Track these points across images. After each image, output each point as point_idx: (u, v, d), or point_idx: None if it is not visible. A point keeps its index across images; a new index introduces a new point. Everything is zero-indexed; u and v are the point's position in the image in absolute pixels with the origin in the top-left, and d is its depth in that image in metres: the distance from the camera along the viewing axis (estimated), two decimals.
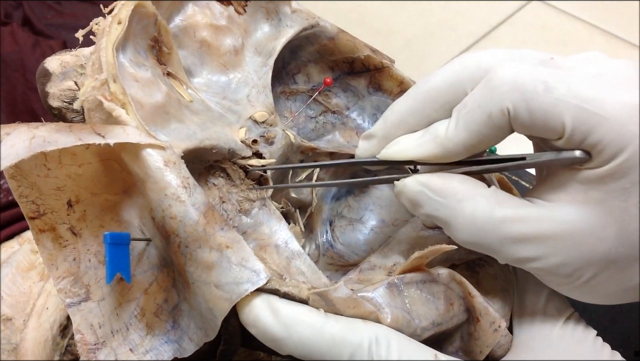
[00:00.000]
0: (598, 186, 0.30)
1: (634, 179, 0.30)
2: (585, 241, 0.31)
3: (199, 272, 0.30)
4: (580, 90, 0.30)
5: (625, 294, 0.33)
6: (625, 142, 0.29)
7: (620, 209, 0.30)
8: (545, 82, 0.30)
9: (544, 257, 0.32)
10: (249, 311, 0.31)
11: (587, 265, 0.31)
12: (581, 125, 0.29)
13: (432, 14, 1.05)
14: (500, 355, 0.36)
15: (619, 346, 0.36)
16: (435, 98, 0.34)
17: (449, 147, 0.33)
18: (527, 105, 0.30)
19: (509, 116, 0.31)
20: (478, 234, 0.32)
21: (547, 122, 0.30)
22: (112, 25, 0.33)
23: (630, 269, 0.31)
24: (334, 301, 0.31)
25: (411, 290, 0.34)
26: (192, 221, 0.30)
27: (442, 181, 0.33)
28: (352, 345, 0.31)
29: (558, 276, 0.33)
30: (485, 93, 0.31)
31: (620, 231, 0.30)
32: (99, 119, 0.33)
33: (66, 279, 0.33)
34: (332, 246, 0.44)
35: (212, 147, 0.36)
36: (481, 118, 0.31)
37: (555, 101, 0.30)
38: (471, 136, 0.32)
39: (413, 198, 0.34)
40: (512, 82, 0.31)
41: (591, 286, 0.33)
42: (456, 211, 0.32)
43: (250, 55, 0.41)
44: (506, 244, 0.32)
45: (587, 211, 0.31)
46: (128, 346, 0.33)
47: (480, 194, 0.32)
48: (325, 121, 0.46)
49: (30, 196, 0.33)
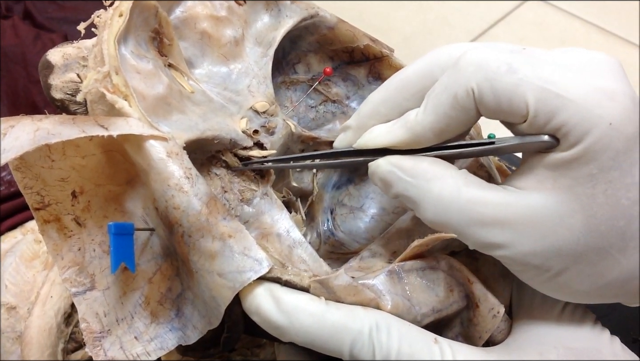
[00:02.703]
0: (565, 172, 0.30)
1: (601, 165, 0.29)
2: (553, 229, 0.30)
3: (202, 261, 0.31)
4: (544, 72, 0.30)
5: (600, 292, 0.32)
6: (591, 125, 0.29)
7: (587, 197, 0.30)
8: (509, 63, 0.30)
9: (510, 244, 0.31)
10: (251, 299, 0.31)
11: (556, 256, 0.31)
12: (544, 106, 0.29)
13: (430, 11, 1.05)
14: (500, 340, 0.36)
15: (617, 333, 0.36)
16: (406, 87, 0.34)
17: (418, 132, 0.33)
18: (491, 85, 0.30)
19: (474, 97, 0.31)
20: (444, 214, 0.32)
21: (511, 103, 0.30)
22: (114, 17, 0.34)
23: (601, 263, 0.31)
24: (335, 288, 0.32)
25: (411, 277, 0.35)
26: (195, 211, 0.31)
27: (412, 161, 0.33)
28: (353, 332, 0.31)
29: (527, 267, 0.32)
30: (452, 75, 0.31)
31: (587, 220, 0.30)
32: (101, 111, 0.33)
33: (71, 269, 0.34)
34: (333, 234, 0.45)
35: (213, 137, 0.36)
36: (447, 100, 0.31)
37: (519, 81, 0.29)
38: (439, 118, 0.32)
39: (384, 178, 0.34)
40: (476, 63, 0.30)
41: (563, 281, 0.32)
42: (424, 190, 0.32)
43: (250, 46, 0.41)
44: (472, 226, 0.32)
45: (554, 198, 0.30)
46: (133, 334, 0.33)
47: (449, 175, 0.32)
48: (325, 111, 0.47)
49: (35, 187, 0.33)
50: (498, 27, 1.03)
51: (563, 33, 1.00)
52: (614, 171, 0.29)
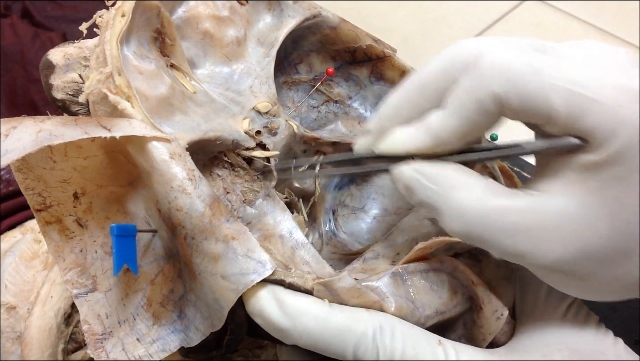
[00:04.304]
0: (593, 175, 0.29)
1: (630, 167, 0.28)
2: (581, 234, 0.30)
3: (205, 263, 0.31)
4: (571, 73, 0.29)
5: (625, 290, 0.32)
6: (620, 127, 0.28)
7: (616, 199, 0.29)
8: (534, 65, 0.29)
9: (538, 252, 0.30)
10: (254, 301, 0.31)
11: (584, 260, 0.30)
12: (572, 109, 0.28)
13: (428, 11, 1.05)
14: (504, 342, 0.36)
15: (619, 335, 0.36)
16: (426, 88, 0.34)
17: (442, 137, 0.32)
18: (516, 89, 0.29)
19: (498, 101, 0.30)
20: (468, 224, 0.31)
21: (537, 106, 0.29)
22: (116, 18, 0.33)
23: (628, 264, 0.30)
24: (338, 291, 0.32)
25: (415, 279, 0.35)
26: (198, 213, 0.30)
27: (435, 168, 0.32)
28: (357, 334, 0.31)
29: (556, 273, 0.32)
30: (474, 79, 0.31)
31: (615, 222, 0.29)
32: (104, 112, 0.33)
33: (73, 271, 0.33)
34: (335, 235, 0.45)
35: (216, 138, 0.36)
36: (471, 105, 0.31)
37: (545, 84, 0.29)
38: (462, 123, 0.31)
39: (408, 185, 0.33)
40: (500, 67, 0.30)
41: (590, 283, 0.31)
42: (447, 198, 0.32)
43: (252, 46, 0.41)
44: (497, 236, 0.31)
45: (582, 201, 0.30)
46: (135, 336, 0.33)
47: (473, 183, 0.32)
48: (327, 111, 0.47)
49: (37, 188, 0.33)
50: (496, 27, 1.03)
51: (561, 33, 1.00)
52: None
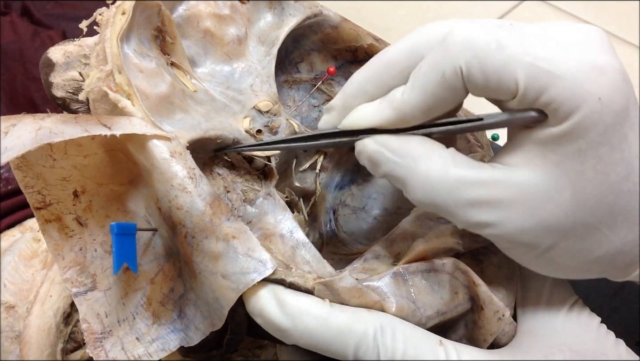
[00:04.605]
0: (554, 148, 0.30)
1: (590, 140, 0.29)
2: (542, 206, 0.30)
3: (206, 262, 0.31)
4: (534, 48, 0.29)
5: (588, 267, 0.32)
6: (580, 101, 0.28)
7: (576, 172, 0.29)
8: (498, 40, 0.29)
9: (499, 222, 0.31)
10: (255, 301, 0.31)
11: (545, 233, 0.31)
12: (534, 83, 0.29)
13: (428, 10, 1.05)
14: (505, 342, 0.36)
15: (620, 336, 0.36)
16: (392, 65, 0.34)
17: (405, 111, 0.32)
18: (480, 63, 0.29)
19: (462, 75, 0.30)
20: (432, 194, 0.31)
21: (500, 80, 0.29)
22: (116, 16, 0.33)
23: (590, 239, 0.31)
24: (339, 290, 0.32)
25: (416, 279, 0.34)
26: (199, 211, 0.30)
27: (399, 140, 0.33)
28: (358, 335, 0.31)
29: (516, 245, 0.32)
30: (439, 53, 0.31)
31: (576, 195, 0.30)
32: (104, 110, 0.33)
33: (72, 269, 0.33)
34: (335, 235, 0.44)
35: (216, 137, 0.36)
36: (435, 78, 0.31)
37: (508, 58, 0.29)
38: (426, 97, 0.31)
39: (372, 157, 0.33)
40: (465, 41, 0.30)
41: (551, 258, 0.32)
42: (412, 170, 0.32)
43: (253, 45, 0.41)
44: (460, 206, 0.31)
45: (543, 174, 0.30)
46: (134, 335, 0.33)
47: (437, 154, 0.32)
48: None
49: (36, 186, 0.33)
50: None
51: None
52: (603, 146, 0.29)
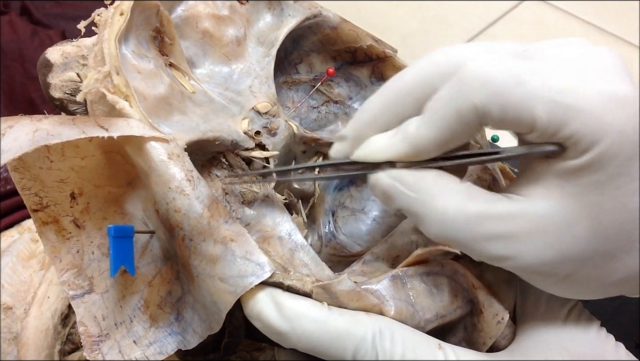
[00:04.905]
0: (573, 180, 0.29)
1: (609, 173, 0.29)
2: (560, 237, 0.30)
3: (204, 265, 0.30)
4: (553, 82, 0.29)
5: (606, 289, 0.32)
6: (601, 134, 0.28)
7: (594, 204, 0.29)
8: (516, 75, 0.29)
9: (517, 255, 0.30)
10: (253, 304, 0.31)
11: (563, 263, 0.30)
12: (555, 118, 0.28)
13: (428, 9, 1.05)
14: (504, 345, 0.36)
15: (620, 338, 0.36)
16: (405, 95, 0.33)
17: (420, 146, 0.32)
18: (498, 100, 0.29)
19: (480, 112, 0.30)
20: (449, 230, 0.31)
21: (519, 116, 0.29)
22: (115, 16, 0.33)
23: (607, 265, 0.31)
24: (338, 294, 0.31)
25: (415, 282, 0.34)
26: (197, 214, 0.30)
27: (415, 176, 0.32)
28: (356, 338, 0.31)
29: (535, 274, 0.32)
30: (455, 89, 0.30)
31: (594, 226, 0.29)
32: (101, 111, 0.33)
33: (69, 272, 0.33)
34: (334, 237, 0.44)
35: (215, 139, 0.36)
36: (451, 115, 0.30)
37: (528, 94, 0.29)
38: (442, 132, 0.31)
39: (386, 192, 0.33)
40: (481, 78, 0.29)
41: (569, 284, 0.32)
42: (428, 206, 0.31)
43: (252, 46, 0.41)
44: (477, 241, 0.31)
45: (561, 205, 0.30)
46: (132, 338, 0.33)
47: (453, 190, 0.31)
48: (327, 111, 0.46)
49: (33, 188, 0.32)
50: (496, 27, 1.03)
51: (561, 33, 1.00)
52: (621, 177, 0.29)
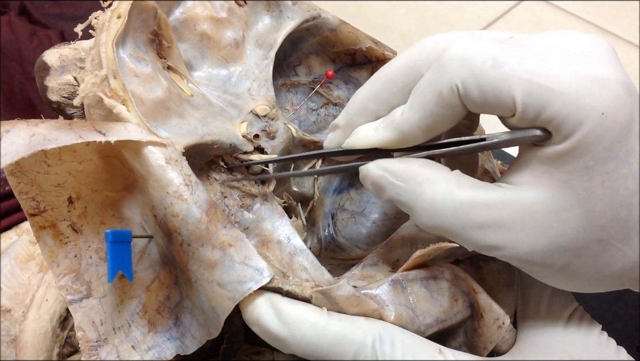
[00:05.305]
0: (560, 166, 0.29)
1: (596, 156, 0.28)
2: (551, 225, 0.29)
3: (202, 270, 0.30)
4: (531, 64, 0.28)
5: (607, 282, 0.32)
6: (582, 116, 0.27)
7: (584, 190, 0.29)
8: (494, 57, 0.29)
9: (509, 244, 0.30)
10: (251, 310, 0.30)
11: (557, 252, 0.30)
12: (532, 100, 0.28)
13: (428, 8, 1.05)
14: (505, 350, 0.36)
15: (621, 342, 0.36)
16: (393, 82, 0.33)
17: (405, 131, 0.32)
18: (476, 81, 0.29)
19: (459, 93, 0.30)
20: (439, 217, 0.31)
21: (498, 98, 0.29)
22: (112, 19, 0.33)
23: (605, 255, 0.30)
24: (337, 299, 0.31)
25: (415, 287, 0.34)
26: (195, 219, 0.30)
27: (402, 165, 0.32)
28: (356, 344, 0.31)
29: (530, 265, 0.31)
30: (436, 71, 0.30)
31: (586, 213, 0.29)
32: (99, 115, 0.32)
33: (67, 276, 0.33)
34: (334, 240, 0.44)
35: (213, 142, 0.35)
36: (432, 97, 0.30)
37: (505, 75, 0.28)
38: (425, 116, 0.31)
39: (376, 183, 0.33)
40: (461, 59, 0.29)
41: (568, 275, 0.31)
42: (417, 194, 0.31)
43: (251, 48, 0.41)
44: (468, 229, 0.30)
45: (550, 193, 0.29)
46: (130, 343, 0.33)
47: (441, 177, 0.31)
48: (326, 114, 0.46)
49: (31, 192, 0.32)
50: (496, 26, 1.03)
51: None
52: (610, 161, 0.28)
